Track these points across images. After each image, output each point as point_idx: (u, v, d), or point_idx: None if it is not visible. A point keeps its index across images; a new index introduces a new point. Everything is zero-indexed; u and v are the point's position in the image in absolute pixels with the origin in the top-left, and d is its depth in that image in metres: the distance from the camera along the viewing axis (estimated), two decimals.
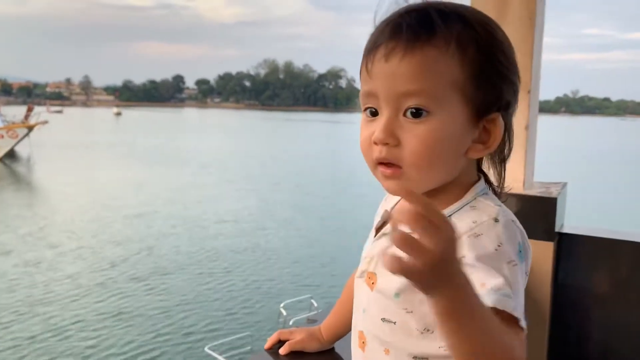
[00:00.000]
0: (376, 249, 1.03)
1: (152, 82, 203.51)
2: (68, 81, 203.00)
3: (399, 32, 0.89)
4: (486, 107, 0.92)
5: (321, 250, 16.94)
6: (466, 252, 0.85)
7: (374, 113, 0.95)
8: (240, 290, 13.39)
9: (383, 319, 0.98)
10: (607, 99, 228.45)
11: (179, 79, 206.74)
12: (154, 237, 17.67)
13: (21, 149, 39.43)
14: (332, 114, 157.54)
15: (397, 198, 1.10)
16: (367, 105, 0.96)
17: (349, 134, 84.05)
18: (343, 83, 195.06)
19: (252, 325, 11.33)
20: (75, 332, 10.91)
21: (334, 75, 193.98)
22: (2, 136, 37.28)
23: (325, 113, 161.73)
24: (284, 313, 9.14)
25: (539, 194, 1.95)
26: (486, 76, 0.91)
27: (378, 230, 1.05)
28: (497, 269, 0.83)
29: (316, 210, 22.81)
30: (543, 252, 1.92)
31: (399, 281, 0.90)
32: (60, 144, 47.24)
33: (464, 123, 0.91)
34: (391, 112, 0.91)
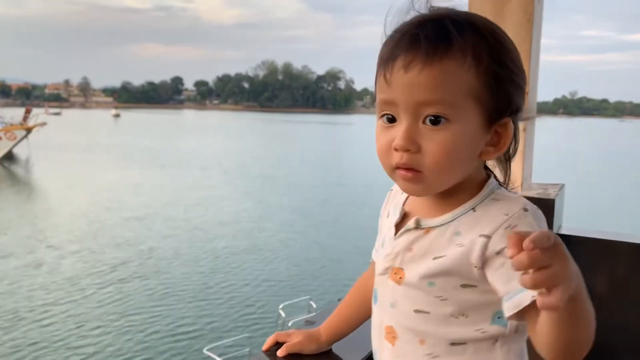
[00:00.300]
0: (400, 246, 1.06)
1: (151, 83, 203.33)
2: (67, 83, 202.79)
3: (417, 43, 0.94)
4: (499, 113, 0.98)
5: (320, 252, 16.93)
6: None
7: (391, 120, 1.00)
8: (239, 290, 13.41)
9: (416, 310, 1.03)
10: (605, 101, 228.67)
11: (177, 81, 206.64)
12: (154, 239, 17.65)
13: (19, 151, 39.39)
14: (330, 116, 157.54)
15: (405, 196, 1.17)
16: (384, 112, 1.00)
17: (347, 135, 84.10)
18: (342, 84, 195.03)
19: (250, 325, 11.35)
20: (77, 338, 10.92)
21: (333, 76, 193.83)
22: (0, 138, 37.25)
23: (324, 114, 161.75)
24: (283, 314, 9.19)
25: (536, 195, 1.96)
26: (499, 84, 0.97)
27: (397, 227, 1.10)
28: None
29: (315, 212, 22.80)
30: None
31: (430, 270, 1.00)
32: (58, 145, 47.20)
33: (479, 128, 0.98)
34: (411, 120, 0.96)
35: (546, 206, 1.92)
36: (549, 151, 44.15)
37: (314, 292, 12.67)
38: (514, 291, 0.88)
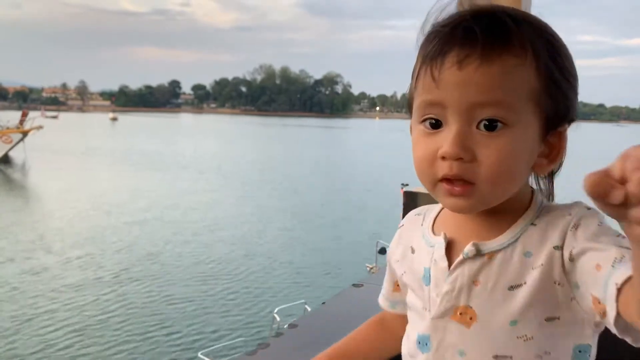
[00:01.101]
0: (462, 280, 0.90)
1: (148, 87, 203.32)
2: (64, 86, 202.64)
3: (473, 37, 0.82)
4: (557, 120, 0.88)
5: (318, 256, 16.93)
6: (578, 241, 0.81)
7: (435, 125, 0.87)
8: (236, 294, 13.41)
9: (496, 356, 0.88)
10: (601, 105, 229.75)
11: (175, 84, 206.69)
12: (154, 243, 17.61)
13: (16, 155, 39.33)
14: (328, 119, 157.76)
15: (429, 221, 1.01)
16: (428, 116, 0.87)
17: (345, 139, 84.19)
18: (339, 88, 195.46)
19: (247, 329, 11.35)
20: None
21: (330, 80, 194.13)
22: None
23: (322, 118, 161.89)
24: (278, 318, 9.18)
25: None
26: (558, 87, 0.87)
27: (449, 258, 0.92)
28: (619, 243, 0.77)
29: (313, 217, 22.80)
30: None
31: (511, 304, 0.86)
32: (55, 149, 47.14)
33: (535, 136, 0.87)
34: (462, 124, 0.84)
35: None
36: None
37: (311, 296, 12.67)
38: (611, 269, 0.73)
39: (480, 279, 0.88)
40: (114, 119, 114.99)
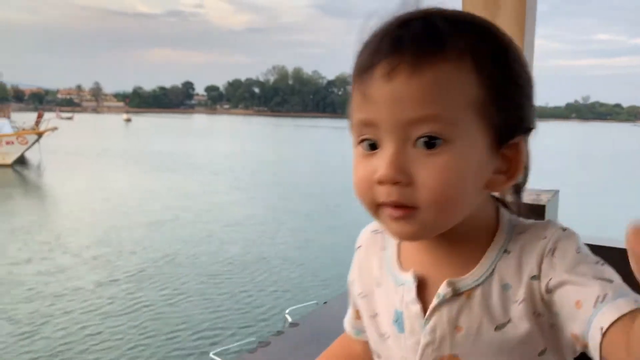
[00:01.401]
0: (442, 327, 0.80)
1: (162, 88, 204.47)
2: (79, 88, 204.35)
3: (401, 45, 0.73)
4: (509, 131, 0.78)
5: (332, 256, 16.94)
6: (556, 271, 0.75)
7: (373, 146, 0.77)
8: (252, 294, 13.47)
9: None
10: (618, 105, 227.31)
11: (188, 86, 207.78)
12: (170, 244, 17.69)
13: (31, 155, 39.70)
14: (341, 120, 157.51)
15: (392, 249, 0.90)
16: (363, 137, 0.78)
17: None
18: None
19: (260, 328, 11.40)
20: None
21: (343, 81, 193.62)
22: (13, 142, 37.57)
23: (334, 119, 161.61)
24: (289, 319, 9.21)
25: (527, 202, 1.98)
26: (506, 93, 0.76)
27: (422, 298, 0.82)
28: (599, 274, 0.72)
29: (328, 218, 22.80)
30: None
31: (504, 348, 0.78)
32: (70, 150, 47.52)
33: (485, 151, 0.76)
34: (398, 144, 0.74)
35: (537, 212, 1.94)
36: (557, 154, 43.89)
37: (326, 297, 12.69)
38: (593, 309, 0.68)
39: (462, 323, 0.79)
40: (128, 120, 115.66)
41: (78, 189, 28.75)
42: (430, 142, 0.73)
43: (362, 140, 0.79)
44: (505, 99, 0.76)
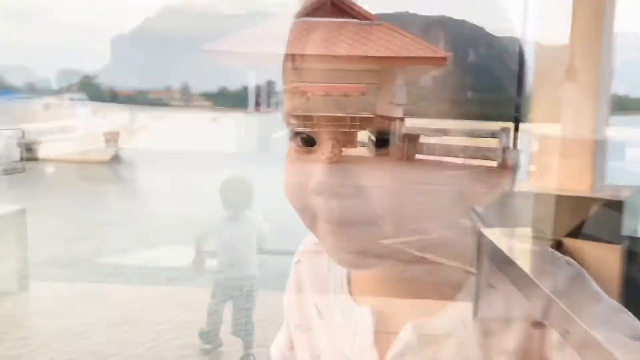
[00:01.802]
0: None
1: (246, 88, 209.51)
2: (168, 88, 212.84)
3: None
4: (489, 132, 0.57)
5: None
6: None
7: (309, 141, 0.55)
8: None
9: None
10: None
11: (271, 85, 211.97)
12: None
13: (125, 154, 41.43)
14: None
15: (341, 270, 0.64)
16: (297, 130, 0.56)
17: None
18: None
19: None
20: None
21: None
22: (109, 140, 39.47)
23: None
24: None
25: (606, 197, 1.93)
26: (486, 88, 0.56)
27: (378, 342, 0.59)
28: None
29: None
30: (609, 255, 1.89)
31: None
32: (161, 148, 49.24)
33: None
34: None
35: (615, 207, 1.88)
36: None
37: None
38: None
39: None
40: (214, 119, 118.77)
41: (171, 187, 29.61)
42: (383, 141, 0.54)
43: (297, 134, 0.60)
44: (483, 95, 0.56)
